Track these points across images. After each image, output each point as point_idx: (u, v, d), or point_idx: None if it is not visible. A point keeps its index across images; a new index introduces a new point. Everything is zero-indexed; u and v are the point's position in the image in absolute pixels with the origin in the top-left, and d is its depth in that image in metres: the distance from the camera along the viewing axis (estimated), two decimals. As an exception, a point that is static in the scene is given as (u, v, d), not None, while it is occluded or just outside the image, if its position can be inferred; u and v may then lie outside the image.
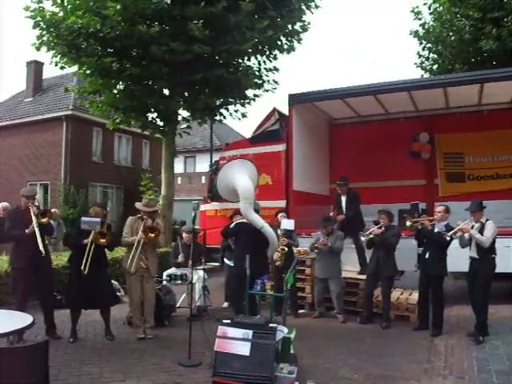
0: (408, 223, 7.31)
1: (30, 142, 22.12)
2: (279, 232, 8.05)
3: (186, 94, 11.98)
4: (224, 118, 13.46)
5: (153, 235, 6.69)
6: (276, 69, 12.64)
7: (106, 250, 6.89)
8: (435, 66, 15.91)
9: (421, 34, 15.75)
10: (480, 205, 6.81)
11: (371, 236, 7.81)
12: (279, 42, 12.20)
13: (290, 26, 12.07)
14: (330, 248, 8.06)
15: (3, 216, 7.62)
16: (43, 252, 6.23)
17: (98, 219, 6.55)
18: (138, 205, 7.03)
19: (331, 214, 9.40)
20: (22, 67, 24.26)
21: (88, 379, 5.07)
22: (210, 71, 10.76)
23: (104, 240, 6.48)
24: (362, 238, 8.02)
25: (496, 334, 6.68)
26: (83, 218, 6.58)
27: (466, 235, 6.73)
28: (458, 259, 7.09)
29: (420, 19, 15.88)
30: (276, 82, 12.83)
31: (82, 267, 6.29)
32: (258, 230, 6.95)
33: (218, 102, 12.32)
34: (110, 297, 6.92)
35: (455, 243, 6.98)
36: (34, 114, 22.61)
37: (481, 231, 6.60)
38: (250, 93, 12.66)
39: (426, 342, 6.71)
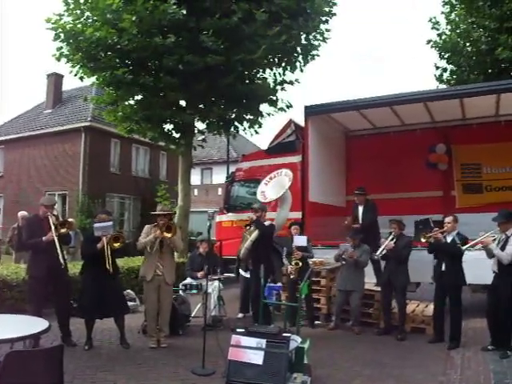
0: (422, 239, 7.31)
1: (49, 153, 22.54)
2: (293, 246, 8.08)
3: (202, 106, 12.02)
4: (237, 132, 13.48)
5: (169, 235, 6.68)
6: (295, 81, 12.44)
7: (116, 260, 6.90)
8: (452, 77, 15.87)
9: (438, 43, 15.75)
10: (509, 215, 6.40)
11: (384, 252, 7.79)
12: (295, 54, 12.15)
13: (307, 37, 11.99)
14: (356, 261, 8.02)
15: (22, 225, 7.75)
16: (63, 263, 6.29)
17: (111, 223, 6.64)
18: (156, 210, 7.15)
19: (346, 222, 9.37)
20: (43, 79, 24.77)
21: (102, 386, 5.10)
22: (220, 80, 10.76)
23: (118, 244, 6.50)
24: (376, 258, 8.00)
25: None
26: (96, 225, 6.62)
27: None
28: (477, 271, 7.01)
29: (438, 29, 15.91)
30: (289, 106, 12.60)
31: (108, 266, 6.34)
32: None
33: (232, 116, 12.31)
34: (123, 305, 6.94)
35: (474, 255, 6.91)
36: (54, 125, 23.04)
37: (504, 245, 6.31)
38: (263, 108, 12.53)
39: (442, 354, 6.63)
